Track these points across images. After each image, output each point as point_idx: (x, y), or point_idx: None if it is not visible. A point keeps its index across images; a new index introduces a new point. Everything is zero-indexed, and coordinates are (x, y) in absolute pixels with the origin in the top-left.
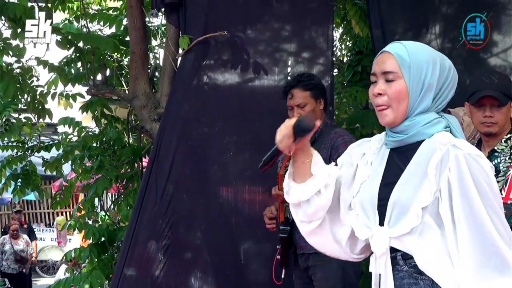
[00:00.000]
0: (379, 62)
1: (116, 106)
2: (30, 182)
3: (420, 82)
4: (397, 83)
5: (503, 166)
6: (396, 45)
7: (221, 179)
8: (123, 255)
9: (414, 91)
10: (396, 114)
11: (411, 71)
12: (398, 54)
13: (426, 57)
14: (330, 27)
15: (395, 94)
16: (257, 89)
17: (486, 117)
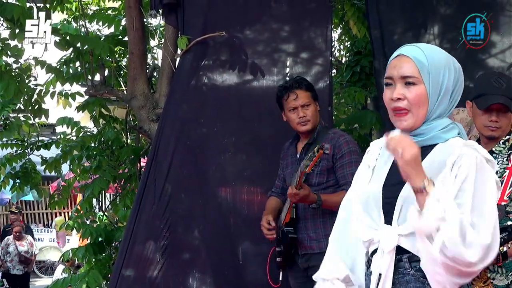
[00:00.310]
0: (397, 66)
1: (114, 107)
2: (29, 180)
3: (438, 87)
4: (417, 88)
5: (499, 168)
6: (413, 48)
7: (219, 180)
8: (121, 256)
9: (433, 95)
10: (415, 119)
11: (431, 75)
12: (417, 58)
13: (443, 61)
14: (329, 28)
15: (416, 98)
16: (255, 90)
17: (492, 122)
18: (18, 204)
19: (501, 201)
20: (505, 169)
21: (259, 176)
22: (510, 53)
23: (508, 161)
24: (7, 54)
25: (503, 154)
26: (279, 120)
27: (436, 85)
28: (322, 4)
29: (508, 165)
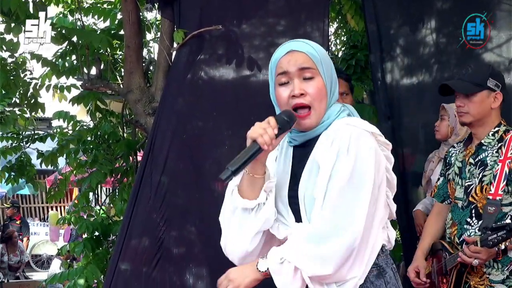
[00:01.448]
0: (291, 61)
1: (111, 100)
2: (24, 172)
3: (330, 77)
4: (316, 81)
5: (490, 160)
6: (301, 44)
7: (216, 174)
8: (118, 249)
9: (329, 86)
10: (318, 115)
11: (324, 67)
12: (309, 52)
13: (325, 53)
14: (326, 22)
15: (317, 92)
16: (252, 84)
17: (458, 107)
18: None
19: (496, 195)
20: (496, 161)
21: None
22: (507, 48)
23: (499, 153)
24: (2, 48)
25: (492, 146)
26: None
27: (329, 76)
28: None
29: (500, 158)
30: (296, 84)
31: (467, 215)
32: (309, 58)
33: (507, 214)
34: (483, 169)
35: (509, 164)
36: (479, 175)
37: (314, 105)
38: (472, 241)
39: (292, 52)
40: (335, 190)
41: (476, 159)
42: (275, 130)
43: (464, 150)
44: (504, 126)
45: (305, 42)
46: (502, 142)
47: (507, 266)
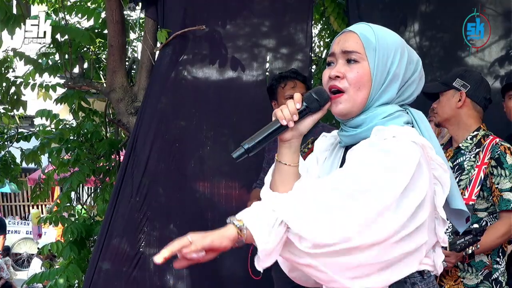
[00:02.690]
0: (340, 41)
1: (94, 99)
2: (8, 172)
3: (385, 69)
4: (360, 66)
5: (467, 165)
6: (362, 26)
7: (197, 174)
8: (98, 249)
9: (378, 78)
10: (352, 103)
11: (377, 55)
12: (363, 34)
13: (395, 44)
14: (309, 24)
15: (357, 78)
16: (235, 84)
17: (432, 108)
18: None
19: (469, 200)
20: (472, 166)
21: (237, 171)
22: (489, 52)
23: (476, 158)
24: None
25: (470, 151)
26: (259, 114)
27: (382, 67)
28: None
29: (477, 163)
30: (337, 66)
31: None
32: (359, 41)
33: (482, 219)
34: (460, 173)
35: (485, 170)
36: (456, 179)
37: (349, 91)
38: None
39: (347, 32)
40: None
41: (454, 163)
42: (297, 105)
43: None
44: (484, 131)
45: (369, 24)
46: (480, 148)
47: (481, 271)
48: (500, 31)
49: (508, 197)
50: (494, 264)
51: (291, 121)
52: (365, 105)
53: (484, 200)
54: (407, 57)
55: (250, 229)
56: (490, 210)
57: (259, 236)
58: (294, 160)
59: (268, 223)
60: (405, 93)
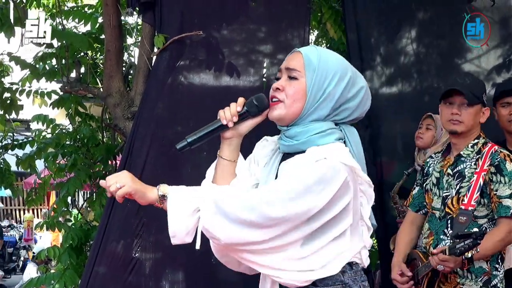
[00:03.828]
0: (288, 59)
1: (90, 104)
2: (3, 179)
3: (321, 89)
4: (298, 82)
5: (468, 172)
6: (310, 48)
7: (194, 179)
8: (94, 253)
9: (313, 95)
10: (286, 111)
11: (315, 74)
12: (307, 55)
13: (335, 67)
14: (306, 30)
15: (293, 92)
16: (232, 90)
17: (453, 114)
18: None
19: (469, 206)
20: (473, 173)
21: None
22: (486, 59)
23: (476, 165)
24: None
25: (471, 158)
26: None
27: (318, 86)
28: (300, 5)
29: (476, 170)
30: (280, 80)
31: (444, 225)
32: (302, 61)
33: (482, 225)
34: (461, 181)
35: (484, 176)
36: (456, 186)
37: (285, 102)
38: (440, 251)
39: (295, 52)
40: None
41: (454, 170)
42: (238, 108)
43: (442, 161)
44: (483, 138)
45: (317, 48)
46: (480, 155)
47: (480, 277)
48: (497, 38)
49: (508, 203)
50: (493, 270)
51: (230, 121)
52: (298, 116)
53: (485, 207)
54: (349, 81)
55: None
56: (490, 217)
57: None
58: (233, 157)
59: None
60: (341, 114)
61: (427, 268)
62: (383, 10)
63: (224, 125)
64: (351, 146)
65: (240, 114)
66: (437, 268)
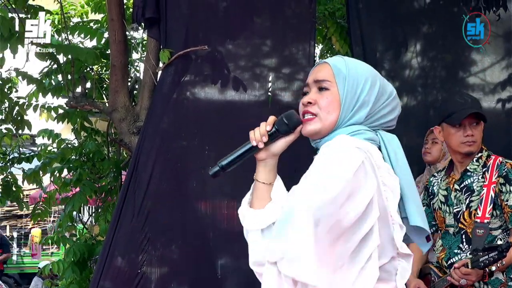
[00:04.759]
0: (314, 72)
1: (96, 119)
2: (10, 193)
3: (354, 97)
4: (329, 93)
5: (476, 186)
6: (335, 58)
7: (199, 194)
8: (100, 268)
9: (347, 103)
10: (322, 125)
11: (347, 82)
12: (335, 65)
13: (365, 74)
14: (311, 44)
15: (327, 104)
16: (237, 104)
17: (467, 136)
18: None
19: (484, 218)
20: (481, 186)
21: (239, 191)
22: (491, 72)
23: (484, 178)
24: None
25: (478, 172)
26: None
27: (352, 94)
28: (304, 20)
29: (485, 183)
30: (310, 94)
31: (459, 241)
32: (330, 70)
33: (497, 237)
34: (470, 195)
35: (494, 189)
36: (466, 201)
37: (320, 115)
38: (462, 264)
39: (320, 64)
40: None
41: (462, 185)
42: (267, 127)
43: (446, 178)
44: (486, 151)
45: (343, 57)
46: (486, 167)
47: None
48: (501, 51)
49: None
50: (509, 281)
51: (260, 142)
52: (333, 127)
53: (497, 219)
54: (379, 87)
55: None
56: (504, 227)
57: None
58: (269, 179)
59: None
60: (375, 121)
61: (445, 282)
62: (388, 24)
63: (255, 147)
64: (387, 151)
65: (270, 133)
66: (460, 283)
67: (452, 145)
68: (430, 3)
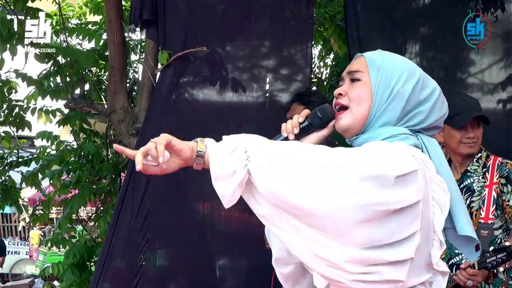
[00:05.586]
0: (349, 65)
1: (95, 120)
2: (8, 197)
3: (388, 87)
4: (361, 83)
5: (477, 186)
6: (373, 52)
7: (197, 195)
8: (99, 269)
9: (379, 94)
10: (353, 118)
11: (380, 73)
12: (370, 57)
13: (402, 66)
14: (309, 45)
15: (357, 93)
16: (235, 105)
17: (469, 138)
18: None
19: (487, 219)
20: (482, 187)
21: None
22: (489, 73)
23: (484, 179)
24: None
25: (478, 173)
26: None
27: (385, 85)
28: (302, 21)
29: (486, 183)
30: (342, 86)
31: None
32: (364, 62)
33: (497, 237)
34: (470, 195)
35: (496, 189)
36: (467, 201)
37: (351, 107)
38: (468, 266)
39: (357, 57)
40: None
41: (461, 185)
42: (300, 119)
43: None
44: (485, 151)
45: (380, 50)
46: (486, 168)
47: (498, 287)
48: (500, 52)
49: None
50: (510, 280)
51: (291, 133)
52: (366, 121)
53: (498, 219)
54: (419, 81)
55: (208, 148)
56: (504, 227)
57: (214, 157)
58: None
59: (229, 149)
60: (414, 118)
61: (449, 284)
62: (386, 25)
63: (285, 138)
64: (431, 157)
65: (303, 126)
66: (466, 284)
67: (453, 146)
68: (429, 4)
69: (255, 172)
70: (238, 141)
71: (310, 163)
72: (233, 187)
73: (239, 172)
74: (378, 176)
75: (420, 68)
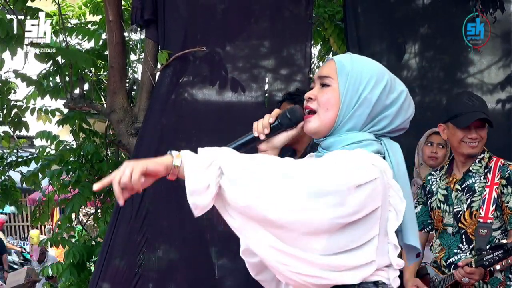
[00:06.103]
0: (320, 69)
1: (95, 120)
2: (8, 196)
3: (356, 94)
4: (330, 89)
5: (478, 186)
6: (343, 55)
7: None
8: (98, 269)
9: (347, 101)
10: (320, 122)
11: (349, 79)
12: (340, 61)
13: (371, 71)
14: (308, 45)
15: (325, 99)
16: (235, 105)
17: (472, 139)
18: None
19: (486, 218)
20: (483, 187)
21: None
22: (488, 74)
23: (485, 179)
24: None
25: (480, 173)
26: None
27: (353, 91)
28: (301, 21)
29: (487, 184)
30: (313, 90)
31: (458, 240)
32: (334, 67)
33: (496, 238)
34: (471, 195)
35: (497, 190)
36: (467, 201)
37: (319, 112)
38: (466, 264)
39: (328, 61)
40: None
41: (463, 185)
42: (270, 119)
43: (446, 178)
44: (488, 152)
45: (350, 54)
46: (488, 169)
47: (496, 287)
48: (499, 52)
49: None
50: (508, 280)
51: (262, 133)
52: (333, 126)
53: (498, 219)
54: (386, 85)
55: (184, 163)
56: (503, 228)
57: (190, 172)
58: None
59: (204, 164)
60: (380, 123)
61: (447, 282)
62: (385, 25)
63: (256, 137)
64: (391, 161)
65: (273, 126)
66: (462, 281)
67: (455, 145)
68: (428, 4)
69: (227, 187)
70: (213, 156)
71: (280, 178)
72: (207, 200)
73: (213, 187)
74: (340, 190)
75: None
